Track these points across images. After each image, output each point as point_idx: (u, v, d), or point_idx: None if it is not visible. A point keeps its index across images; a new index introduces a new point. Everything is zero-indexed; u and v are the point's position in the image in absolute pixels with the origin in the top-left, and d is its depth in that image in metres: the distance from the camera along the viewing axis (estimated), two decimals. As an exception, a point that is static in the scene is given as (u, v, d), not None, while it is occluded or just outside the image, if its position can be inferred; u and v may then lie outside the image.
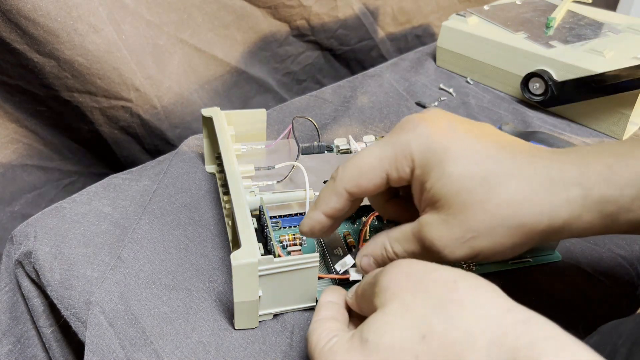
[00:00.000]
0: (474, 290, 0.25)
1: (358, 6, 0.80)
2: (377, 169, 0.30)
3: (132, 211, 0.44)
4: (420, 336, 0.23)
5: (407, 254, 0.31)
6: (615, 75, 0.53)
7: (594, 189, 0.26)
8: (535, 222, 0.27)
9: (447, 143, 0.28)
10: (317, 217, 0.33)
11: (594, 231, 0.28)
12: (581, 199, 0.27)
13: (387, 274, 0.27)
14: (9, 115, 0.57)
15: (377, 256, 0.33)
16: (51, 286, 0.39)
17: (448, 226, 0.28)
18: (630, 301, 0.40)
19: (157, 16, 0.62)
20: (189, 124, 0.68)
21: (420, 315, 0.24)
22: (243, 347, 0.34)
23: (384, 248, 0.32)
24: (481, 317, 0.23)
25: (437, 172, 0.28)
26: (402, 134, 0.30)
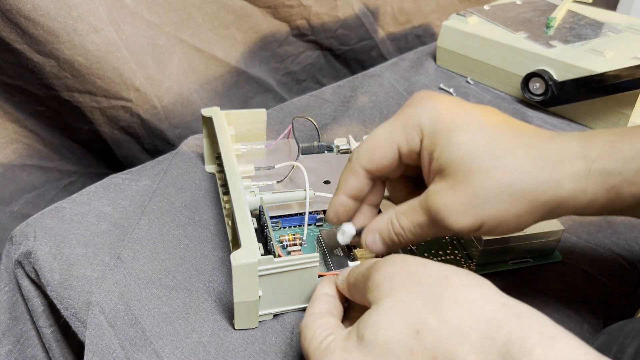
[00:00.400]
0: (466, 285, 0.25)
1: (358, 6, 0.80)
2: (388, 141, 0.31)
3: (132, 211, 0.44)
4: (415, 331, 0.24)
5: (413, 226, 0.31)
6: (615, 75, 0.53)
7: (597, 161, 0.27)
8: (540, 191, 0.27)
9: (454, 115, 0.29)
10: (340, 200, 0.34)
11: (599, 206, 0.28)
12: (585, 171, 0.27)
13: (380, 269, 0.27)
14: (9, 115, 0.57)
15: (382, 231, 0.33)
16: (51, 286, 0.39)
17: (453, 192, 0.29)
18: (630, 301, 0.40)
19: (157, 16, 0.62)
20: (189, 124, 0.68)
21: (414, 311, 0.24)
22: (243, 347, 0.34)
23: (390, 222, 0.32)
24: (474, 312, 0.23)
25: (445, 140, 0.29)
26: (411, 108, 0.31)
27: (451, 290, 0.25)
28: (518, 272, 0.40)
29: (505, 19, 0.68)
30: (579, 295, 0.38)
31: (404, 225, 0.32)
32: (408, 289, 0.25)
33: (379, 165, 0.32)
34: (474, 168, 0.28)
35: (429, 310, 0.24)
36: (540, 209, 0.28)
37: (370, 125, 0.57)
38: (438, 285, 0.25)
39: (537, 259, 0.41)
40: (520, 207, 0.28)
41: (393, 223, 0.32)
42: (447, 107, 0.30)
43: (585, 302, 0.38)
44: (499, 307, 0.23)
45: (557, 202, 0.28)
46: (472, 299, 0.24)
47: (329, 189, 0.43)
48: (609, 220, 0.45)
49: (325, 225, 0.42)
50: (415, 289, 0.25)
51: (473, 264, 0.39)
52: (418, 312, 0.24)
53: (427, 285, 0.25)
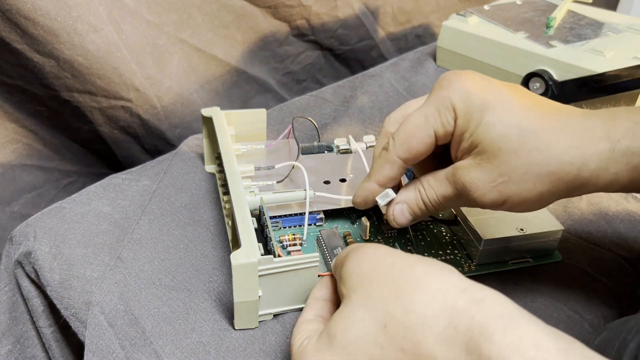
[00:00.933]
0: (429, 272, 0.25)
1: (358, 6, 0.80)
2: (424, 128, 0.32)
3: (132, 211, 0.44)
4: (382, 325, 0.24)
5: (437, 197, 0.32)
6: (615, 75, 0.53)
7: (621, 141, 0.28)
8: (565, 170, 0.28)
9: (484, 94, 0.30)
10: (371, 188, 0.34)
11: (621, 184, 0.28)
12: (608, 151, 0.28)
13: (349, 261, 0.28)
14: (9, 115, 0.57)
15: (410, 202, 0.33)
16: (51, 286, 0.39)
17: (481, 169, 0.29)
18: (630, 301, 0.40)
19: (157, 16, 0.62)
20: (189, 124, 0.68)
21: (380, 305, 0.25)
22: (243, 347, 0.34)
23: (418, 193, 0.33)
24: (437, 300, 0.24)
25: (476, 120, 0.30)
26: (441, 91, 0.31)
27: (414, 279, 0.25)
28: (518, 272, 0.40)
29: (505, 19, 0.68)
30: (579, 295, 0.38)
31: (429, 195, 0.33)
32: (373, 282, 0.26)
33: (416, 153, 0.33)
34: (503, 148, 0.29)
35: (393, 302, 0.24)
36: (564, 188, 0.29)
37: (370, 125, 0.57)
38: (402, 275, 0.25)
39: (537, 259, 0.41)
40: (545, 187, 0.29)
41: (421, 192, 0.33)
42: (477, 87, 0.31)
43: (585, 302, 0.38)
44: (460, 293, 0.24)
45: (581, 182, 0.28)
46: (434, 287, 0.24)
47: (329, 189, 0.43)
48: (609, 220, 0.45)
49: (325, 225, 0.42)
50: (380, 281, 0.26)
51: (473, 264, 0.39)
52: (384, 304, 0.25)
53: (391, 277, 0.25)
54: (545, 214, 0.41)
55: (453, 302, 0.23)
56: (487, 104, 0.30)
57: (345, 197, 0.42)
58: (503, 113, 0.29)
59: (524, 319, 0.22)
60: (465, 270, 0.39)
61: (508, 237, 0.39)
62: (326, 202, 0.42)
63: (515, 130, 0.29)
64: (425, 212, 0.34)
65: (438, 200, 0.32)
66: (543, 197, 0.29)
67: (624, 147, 0.27)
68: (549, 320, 0.36)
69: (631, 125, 0.28)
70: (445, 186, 0.32)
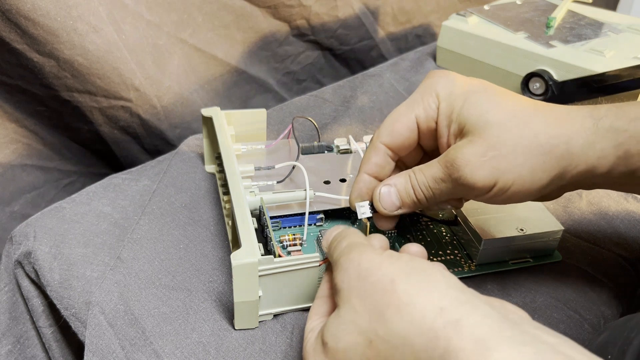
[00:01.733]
0: (410, 289, 0.24)
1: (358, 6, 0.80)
2: (406, 114, 0.33)
3: (132, 211, 0.44)
4: (368, 341, 0.24)
5: (427, 180, 0.32)
6: (615, 75, 0.53)
7: (604, 119, 0.29)
8: (553, 144, 0.29)
9: (467, 81, 0.32)
10: (362, 179, 0.35)
11: (609, 164, 0.29)
12: (593, 127, 0.29)
13: (340, 272, 0.28)
14: (9, 115, 0.57)
15: (399, 185, 0.33)
16: (51, 286, 0.39)
17: (472, 145, 0.30)
18: (630, 301, 0.40)
19: (157, 16, 0.62)
20: (189, 124, 0.68)
21: (366, 320, 0.25)
22: (243, 347, 0.34)
23: (408, 176, 0.33)
24: (415, 321, 0.23)
25: (462, 100, 0.31)
26: (425, 81, 0.33)
27: (395, 297, 0.24)
28: (518, 272, 0.40)
29: (505, 19, 0.68)
30: (579, 295, 0.38)
31: (419, 179, 0.32)
32: (360, 297, 0.26)
33: (398, 138, 0.33)
34: (491, 122, 0.29)
35: (376, 320, 0.24)
36: (554, 164, 0.29)
37: (370, 125, 0.57)
38: (384, 292, 0.25)
39: (537, 259, 0.41)
40: (534, 161, 0.29)
41: (411, 176, 0.33)
42: (461, 78, 0.32)
43: (585, 302, 0.38)
44: (438, 313, 0.23)
45: (569, 157, 0.29)
46: (415, 306, 0.24)
47: (329, 189, 0.43)
48: (609, 220, 0.45)
49: (325, 225, 0.42)
50: (366, 296, 0.25)
51: (473, 264, 0.39)
52: (369, 322, 0.25)
53: (374, 293, 0.25)
54: (545, 214, 0.41)
55: (431, 324, 0.23)
56: (471, 87, 0.31)
57: (345, 197, 0.42)
58: (488, 93, 0.31)
59: (502, 343, 0.21)
60: (465, 270, 0.39)
61: (508, 237, 0.39)
62: (326, 202, 0.42)
63: (502, 108, 0.30)
64: (413, 200, 0.33)
65: (427, 183, 0.32)
66: (535, 174, 0.29)
67: (607, 124, 0.29)
68: (549, 320, 0.36)
69: (613, 107, 0.29)
70: (435, 168, 0.32)
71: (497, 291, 0.38)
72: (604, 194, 0.47)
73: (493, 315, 0.23)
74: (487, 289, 0.38)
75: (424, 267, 0.26)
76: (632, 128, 0.28)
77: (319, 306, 0.31)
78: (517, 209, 0.41)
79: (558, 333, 0.22)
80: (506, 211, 0.41)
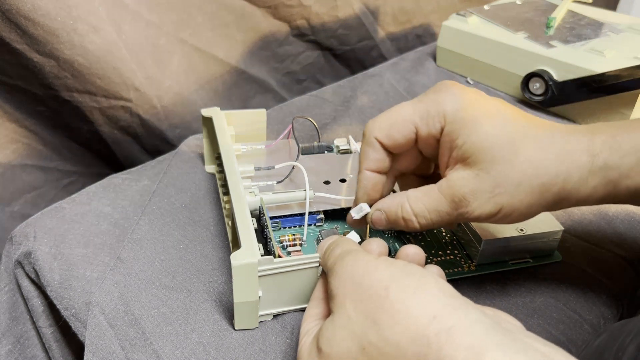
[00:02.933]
0: (404, 296, 0.24)
1: (358, 6, 0.80)
2: (408, 121, 0.32)
3: (132, 211, 0.44)
4: (361, 348, 0.24)
5: (429, 212, 0.32)
6: (615, 75, 0.53)
7: (599, 155, 0.29)
8: (552, 182, 0.29)
9: (478, 105, 0.31)
10: (365, 176, 0.34)
11: (597, 197, 0.30)
12: (589, 165, 0.29)
13: (334, 278, 0.28)
14: (9, 115, 0.57)
15: (390, 213, 0.33)
16: (51, 286, 0.39)
17: (479, 180, 0.30)
18: (630, 301, 0.40)
19: (157, 16, 0.62)
20: (189, 124, 0.68)
21: (359, 327, 0.25)
22: (243, 347, 0.34)
23: (400, 206, 0.33)
24: (408, 328, 0.23)
25: (470, 129, 0.30)
26: (436, 94, 0.32)
27: (388, 303, 0.24)
28: (518, 272, 0.40)
29: (505, 19, 0.68)
30: (579, 295, 0.38)
31: (417, 210, 0.32)
32: (354, 302, 0.26)
33: (394, 141, 0.33)
34: (498, 158, 0.30)
35: (370, 327, 0.24)
36: (550, 199, 0.30)
37: (370, 125, 0.57)
38: (377, 298, 0.25)
39: (537, 259, 0.41)
40: (534, 198, 0.30)
41: (404, 207, 0.33)
42: (471, 97, 0.31)
43: (585, 302, 0.38)
44: (430, 321, 0.23)
45: (565, 194, 0.30)
46: (406, 315, 0.24)
47: (329, 189, 0.43)
48: (609, 221, 0.45)
49: (325, 226, 0.42)
50: (359, 302, 0.26)
51: (473, 264, 0.39)
52: (362, 328, 0.25)
53: (368, 299, 0.25)
54: (545, 214, 0.41)
55: (423, 332, 0.23)
56: (481, 114, 0.30)
57: (345, 197, 0.42)
58: (497, 124, 0.30)
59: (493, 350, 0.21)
60: (465, 270, 0.39)
61: (508, 237, 0.39)
62: (326, 202, 0.42)
63: (508, 142, 0.30)
64: (404, 226, 0.33)
65: (427, 215, 0.32)
66: (532, 208, 0.30)
67: (601, 161, 0.29)
68: (549, 320, 0.36)
69: (609, 139, 0.29)
70: (437, 200, 0.31)
71: (497, 291, 0.38)
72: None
73: (485, 322, 0.23)
74: (487, 289, 0.38)
75: (418, 274, 0.26)
76: (624, 164, 0.29)
77: (314, 307, 0.31)
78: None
79: (550, 343, 0.22)
80: (506, 211, 0.41)
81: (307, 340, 0.28)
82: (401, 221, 0.33)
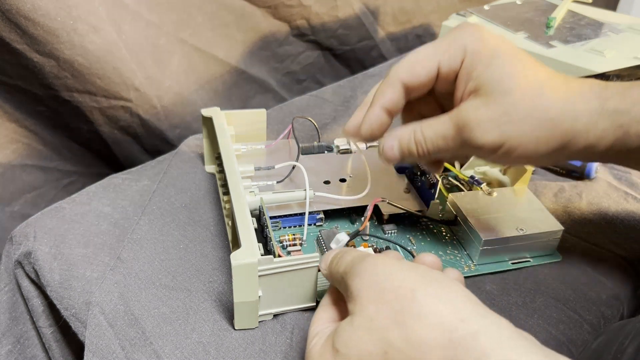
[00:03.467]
0: (431, 300, 0.25)
1: (358, 6, 0.80)
2: (430, 58, 0.32)
3: (132, 211, 0.44)
4: (383, 352, 0.24)
5: (436, 137, 0.32)
6: (615, 75, 0.53)
7: (610, 100, 0.30)
8: (561, 119, 0.30)
9: (496, 41, 0.32)
10: (376, 113, 0.34)
11: (607, 143, 0.30)
12: (599, 108, 0.30)
13: (355, 279, 0.28)
14: (9, 115, 0.57)
15: (403, 138, 0.33)
16: (51, 286, 0.39)
17: (487, 107, 0.30)
18: (630, 301, 0.40)
19: (157, 16, 0.62)
20: (189, 124, 0.68)
21: (382, 330, 0.25)
22: (243, 347, 0.34)
23: (413, 131, 0.33)
24: (436, 332, 0.23)
25: (486, 61, 0.31)
26: (456, 32, 0.33)
27: (414, 306, 0.24)
28: (518, 272, 0.40)
29: (505, 19, 0.68)
30: (579, 295, 0.38)
31: (427, 135, 0.32)
32: (377, 305, 0.26)
33: (417, 79, 0.33)
34: (509, 90, 0.30)
35: (394, 330, 0.24)
36: (557, 138, 0.30)
37: (370, 125, 0.57)
38: (402, 300, 0.25)
39: (537, 259, 0.41)
40: (541, 133, 0.30)
41: (416, 131, 0.33)
42: (491, 36, 0.32)
43: (585, 302, 0.38)
44: (460, 324, 0.23)
45: (573, 134, 0.30)
46: (434, 317, 0.24)
47: (329, 189, 0.43)
48: (609, 221, 0.45)
49: (325, 225, 0.42)
50: (383, 305, 0.25)
51: (473, 264, 0.39)
52: (385, 331, 0.25)
53: (393, 302, 0.25)
54: (545, 214, 0.41)
55: (450, 335, 0.23)
56: (498, 49, 0.31)
57: (345, 197, 0.42)
58: (513, 59, 0.31)
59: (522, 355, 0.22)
60: (465, 270, 0.39)
61: (508, 237, 0.39)
62: (326, 202, 0.42)
63: (522, 75, 0.30)
64: (415, 152, 0.33)
65: (434, 140, 0.32)
66: (539, 144, 0.30)
67: (612, 106, 0.29)
68: (549, 320, 0.36)
69: (620, 89, 0.30)
70: (445, 126, 0.32)
71: (497, 291, 0.38)
72: (603, 194, 0.47)
73: (511, 329, 0.23)
74: (486, 289, 0.38)
75: (443, 279, 0.26)
76: (634, 111, 0.29)
77: (324, 311, 0.31)
78: (517, 209, 0.41)
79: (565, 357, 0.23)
80: (506, 211, 0.41)
81: (319, 342, 0.28)
82: (413, 145, 0.33)
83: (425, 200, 0.43)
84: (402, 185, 0.45)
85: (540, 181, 0.49)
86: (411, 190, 0.44)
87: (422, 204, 0.43)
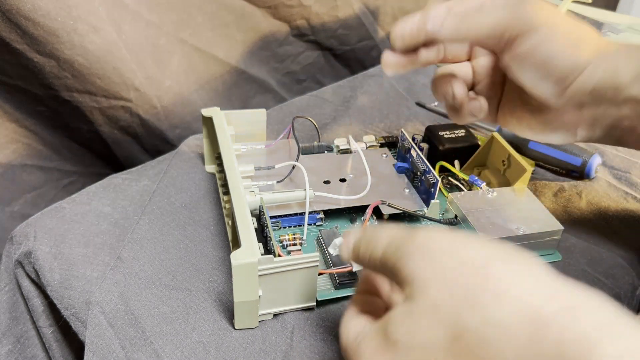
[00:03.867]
0: (509, 273, 0.22)
1: (358, 6, 0.80)
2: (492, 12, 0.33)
3: (132, 211, 0.44)
4: (454, 336, 0.22)
5: None
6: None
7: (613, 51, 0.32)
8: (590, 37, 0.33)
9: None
10: (413, 20, 0.35)
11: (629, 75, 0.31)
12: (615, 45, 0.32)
13: (408, 261, 0.24)
14: (9, 115, 0.57)
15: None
16: (51, 286, 0.39)
17: None
18: (630, 301, 0.40)
19: (157, 16, 0.62)
20: (189, 124, 0.68)
21: (451, 313, 0.22)
22: (243, 347, 0.34)
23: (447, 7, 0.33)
24: (518, 308, 0.21)
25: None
26: None
27: (491, 282, 0.22)
28: (518, 272, 0.40)
29: (505, 19, 0.67)
30: (579, 295, 0.38)
31: None
32: (442, 285, 0.23)
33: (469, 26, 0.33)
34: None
35: (467, 310, 0.21)
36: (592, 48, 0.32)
37: (370, 125, 0.57)
38: (475, 277, 0.22)
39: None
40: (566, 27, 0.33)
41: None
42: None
43: (585, 302, 0.38)
44: (548, 299, 0.20)
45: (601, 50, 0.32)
46: (514, 293, 0.21)
47: (329, 189, 0.43)
48: (609, 220, 0.45)
49: (325, 225, 0.42)
50: (451, 284, 0.22)
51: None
52: (456, 313, 0.22)
53: (463, 280, 0.22)
54: (545, 213, 0.41)
55: (538, 311, 0.20)
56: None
57: (345, 197, 0.42)
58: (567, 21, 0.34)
59: (628, 330, 0.19)
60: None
61: (507, 237, 0.39)
62: (326, 202, 0.42)
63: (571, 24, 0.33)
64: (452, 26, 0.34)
65: None
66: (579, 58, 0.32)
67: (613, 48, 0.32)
68: (549, 320, 0.36)
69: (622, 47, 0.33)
70: None
71: (497, 291, 0.38)
72: (603, 194, 0.47)
73: (608, 302, 0.20)
74: (487, 288, 0.38)
75: (519, 252, 0.23)
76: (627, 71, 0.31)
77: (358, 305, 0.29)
78: (517, 209, 0.41)
79: None
80: (506, 211, 0.41)
81: (365, 339, 0.25)
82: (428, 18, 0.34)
83: (425, 200, 0.43)
84: (402, 185, 0.45)
85: (540, 181, 0.49)
86: (411, 190, 0.44)
87: (422, 204, 0.43)
